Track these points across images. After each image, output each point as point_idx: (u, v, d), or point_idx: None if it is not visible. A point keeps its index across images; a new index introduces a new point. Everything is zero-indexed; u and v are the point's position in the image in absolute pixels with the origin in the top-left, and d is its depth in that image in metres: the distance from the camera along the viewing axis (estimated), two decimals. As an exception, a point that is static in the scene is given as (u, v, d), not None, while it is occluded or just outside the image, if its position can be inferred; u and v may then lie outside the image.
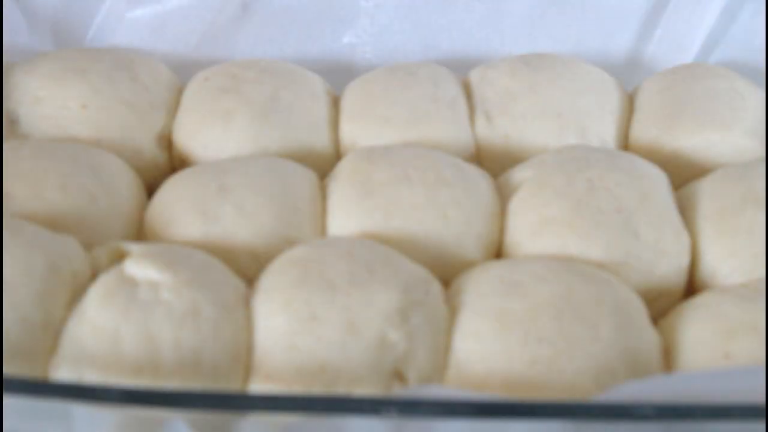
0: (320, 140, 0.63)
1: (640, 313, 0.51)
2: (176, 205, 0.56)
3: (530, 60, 0.67)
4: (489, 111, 0.65)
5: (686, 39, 0.73)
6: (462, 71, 0.68)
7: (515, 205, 0.57)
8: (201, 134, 0.63)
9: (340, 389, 0.47)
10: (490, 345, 0.48)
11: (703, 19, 0.73)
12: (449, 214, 0.55)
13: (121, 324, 0.47)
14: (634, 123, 0.65)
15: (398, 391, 0.47)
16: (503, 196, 0.58)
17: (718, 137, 0.62)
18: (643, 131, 0.64)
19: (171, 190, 0.57)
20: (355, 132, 0.64)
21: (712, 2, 0.72)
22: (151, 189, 0.60)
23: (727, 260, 0.54)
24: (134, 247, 0.51)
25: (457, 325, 0.50)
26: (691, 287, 0.56)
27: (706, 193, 0.58)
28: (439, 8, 0.75)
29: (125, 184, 0.58)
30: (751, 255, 0.54)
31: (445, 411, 0.41)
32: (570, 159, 0.58)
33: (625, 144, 0.65)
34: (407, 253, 0.53)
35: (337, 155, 0.64)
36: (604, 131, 0.64)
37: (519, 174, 0.59)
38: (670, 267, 0.54)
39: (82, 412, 0.42)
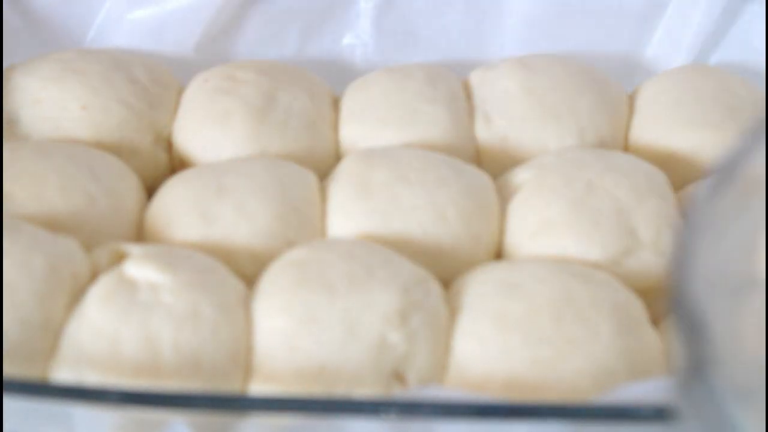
0: (320, 141, 0.63)
1: (640, 314, 0.51)
2: (176, 207, 0.56)
3: (529, 61, 0.67)
4: (488, 112, 0.65)
5: (686, 40, 0.73)
6: (462, 73, 0.68)
7: (515, 207, 0.57)
8: (200, 135, 0.63)
9: (340, 390, 0.47)
10: (490, 346, 0.48)
11: (703, 20, 0.73)
12: (449, 216, 0.55)
13: (121, 325, 0.47)
14: (634, 124, 0.65)
15: (398, 393, 0.47)
16: (503, 197, 0.58)
17: (718, 138, 0.62)
18: (643, 132, 0.64)
19: (170, 192, 0.57)
20: (354, 133, 0.64)
21: (712, 3, 0.72)
22: (150, 190, 0.60)
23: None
24: (134, 249, 0.51)
25: (457, 326, 0.50)
26: (691, 288, 0.56)
27: (706, 194, 0.57)
28: (439, 9, 0.75)
29: (125, 185, 0.58)
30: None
31: (445, 412, 0.41)
32: (569, 160, 0.58)
33: (624, 145, 0.65)
34: (407, 254, 0.53)
35: (336, 157, 0.64)
36: (604, 132, 0.64)
37: (518, 175, 0.59)
38: (670, 268, 0.54)
39: (81, 413, 0.42)
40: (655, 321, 0.53)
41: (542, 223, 0.55)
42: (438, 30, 0.75)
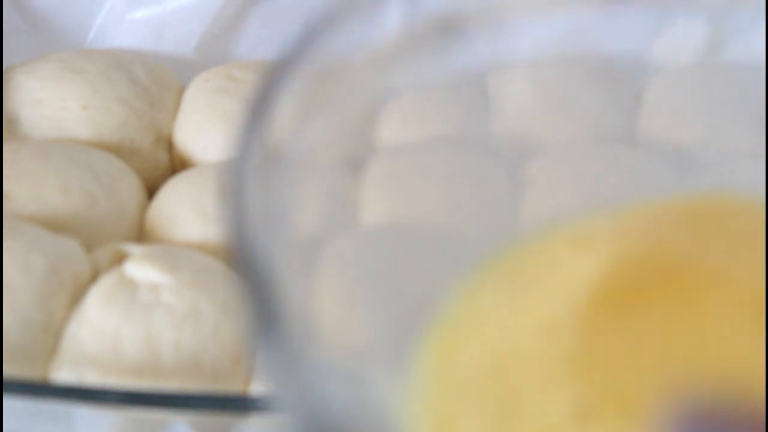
0: (321, 141, 0.63)
1: (641, 314, 0.51)
2: (176, 207, 0.56)
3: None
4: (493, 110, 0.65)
5: (686, 40, 0.73)
6: (462, 72, 0.68)
7: (516, 207, 0.57)
8: (201, 136, 0.62)
9: (341, 391, 0.47)
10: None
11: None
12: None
13: (121, 325, 0.47)
14: (640, 123, 0.65)
15: (399, 393, 0.47)
16: (504, 197, 0.58)
17: (727, 136, 0.62)
18: (650, 131, 0.64)
19: (171, 192, 0.57)
20: (355, 133, 0.64)
21: (712, 3, 0.72)
22: (151, 190, 0.60)
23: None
24: (135, 249, 0.51)
25: (458, 327, 0.49)
26: (693, 289, 0.56)
27: (707, 194, 0.58)
28: (440, 9, 0.74)
29: (126, 185, 0.58)
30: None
31: (447, 412, 0.41)
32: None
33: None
34: (408, 255, 0.53)
35: (337, 156, 0.64)
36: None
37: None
38: (671, 268, 0.54)
39: (82, 413, 0.42)
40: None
41: (543, 224, 0.55)
42: (438, 30, 0.75)
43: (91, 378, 0.46)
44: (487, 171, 0.59)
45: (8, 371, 0.46)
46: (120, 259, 0.51)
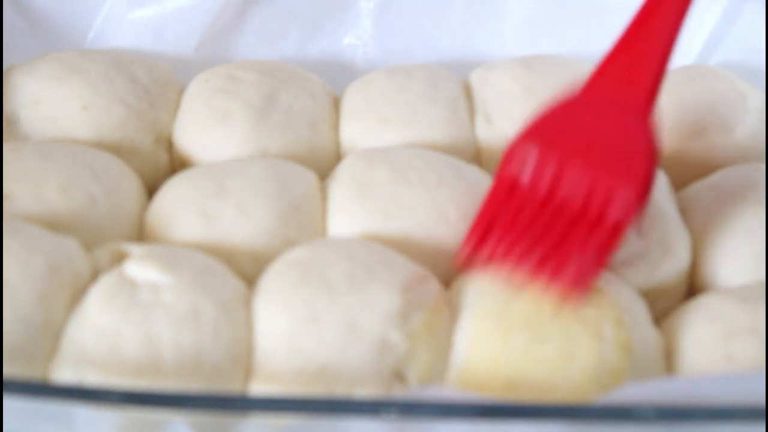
0: (320, 141, 0.63)
1: (641, 313, 0.51)
2: (176, 207, 0.56)
3: (530, 61, 0.67)
4: (489, 112, 0.65)
5: (687, 41, 0.73)
6: (462, 72, 0.68)
7: (516, 207, 0.57)
8: (201, 135, 0.63)
9: (341, 390, 0.47)
10: (490, 346, 0.48)
11: (704, 21, 0.73)
12: (449, 215, 0.55)
13: (121, 325, 0.47)
14: (635, 124, 0.65)
15: (399, 393, 0.47)
16: (504, 197, 0.58)
17: (719, 139, 0.62)
18: (644, 132, 0.64)
19: (171, 192, 0.57)
20: (355, 133, 0.64)
21: (712, 4, 0.72)
22: (151, 190, 0.60)
23: (728, 261, 0.54)
24: (135, 249, 0.51)
25: (457, 326, 0.50)
26: (693, 289, 0.56)
27: (707, 194, 0.58)
28: (440, 9, 0.75)
29: (126, 185, 0.58)
30: (752, 256, 0.54)
31: (446, 412, 0.41)
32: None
33: (625, 145, 0.65)
34: (407, 254, 0.53)
35: (337, 156, 0.64)
36: (605, 132, 0.64)
37: (519, 175, 0.59)
38: (671, 267, 0.54)
39: (82, 413, 0.42)
40: (657, 321, 0.53)
41: (543, 223, 0.55)
42: (438, 30, 0.75)
43: (91, 378, 0.46)
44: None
45: (8, 371, 0.46)
46: (120, 258, 0.52)
